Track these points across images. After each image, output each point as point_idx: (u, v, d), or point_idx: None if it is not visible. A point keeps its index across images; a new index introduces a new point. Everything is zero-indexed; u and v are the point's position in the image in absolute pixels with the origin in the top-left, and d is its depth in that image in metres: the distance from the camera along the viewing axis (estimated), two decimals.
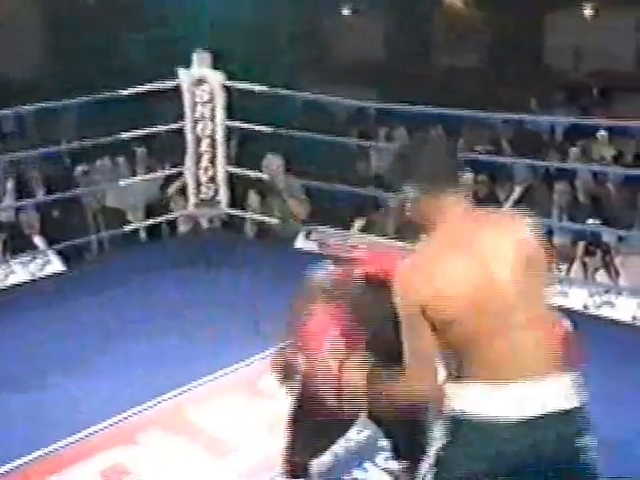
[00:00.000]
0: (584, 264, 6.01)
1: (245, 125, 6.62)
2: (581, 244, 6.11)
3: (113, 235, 6.90)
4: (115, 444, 3.87)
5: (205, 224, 6.83)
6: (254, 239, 6.94)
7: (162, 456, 3.81)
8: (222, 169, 6.38)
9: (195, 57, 6.19)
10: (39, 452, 3.78)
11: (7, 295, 5.68)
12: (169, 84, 6.27)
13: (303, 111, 8.55)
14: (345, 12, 13.98)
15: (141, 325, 5.03)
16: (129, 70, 7.61)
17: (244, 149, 7.46)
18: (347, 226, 6.74)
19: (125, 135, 6.27)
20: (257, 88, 6.34)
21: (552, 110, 9.18)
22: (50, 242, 6.46)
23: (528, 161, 7.22)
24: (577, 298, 5.59)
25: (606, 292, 5.60)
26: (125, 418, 4.06)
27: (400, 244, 5.09)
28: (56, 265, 6.12)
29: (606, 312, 5.47)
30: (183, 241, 6.99)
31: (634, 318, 5.37)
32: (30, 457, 3.75)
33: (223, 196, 6.48)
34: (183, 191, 6.61)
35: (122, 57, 9.97)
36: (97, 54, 9.68)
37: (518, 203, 6.87)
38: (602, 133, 7.68)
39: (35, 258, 6.11)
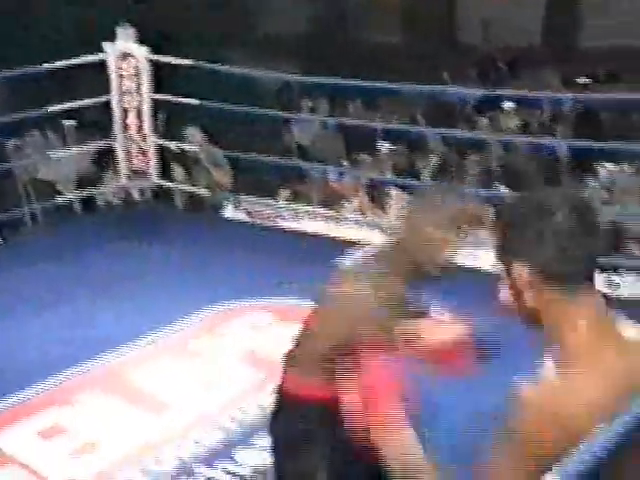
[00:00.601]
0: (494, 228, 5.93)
1: (171, 98, 6.42)
2: (491, 209, 6.04)
3: (46, 208, 6.64)
4: (52, 405, 3.85)
5: (137, 196, 6.63)
6: (184, 210, 6.75)
7: (99, 415, 3.79)
8: (151, 141, 6.20)
9: (119, 31, 5.93)
10: None
11: None
12: (95, 58, 6.01)
13: (228, 84, 8.35)
14: None
15: (76, 292, 4.92)
16: (53, 45, 7.24)
17: (173, 122, 7.22)
18: (274, 196, 6.60)
19: (53, 108, 6.07)
20: (182, 62, 6.15)
21: (464, 83, 9.14)
22: None
23: (442, 131, 7.16)
24: (487, 259, 5.56)
25: None
26: (61, 381, 4.01)
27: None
28: None
29: None
30: (115, 213, 6.75)
31: None
32: None
33: (153, 168, 6.32)
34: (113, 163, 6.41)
35: (46, 32, 9.54)
36: (19, 28, 9.25)
37: (434, 172, 6.80)
38: (509, 105, 7.64)
39: None
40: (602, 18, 10.32)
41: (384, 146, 6.73)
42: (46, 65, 5.96)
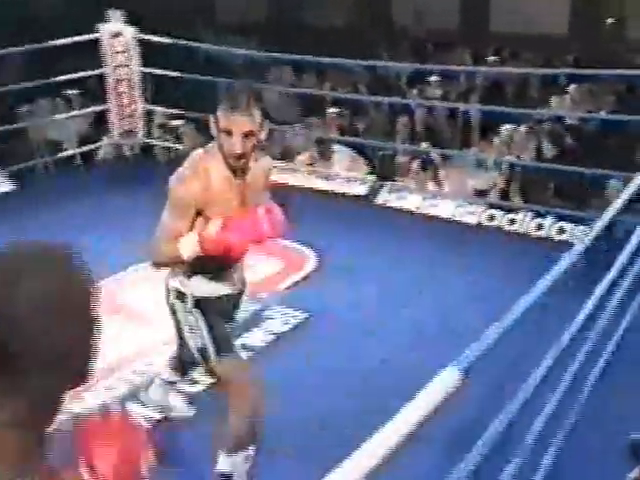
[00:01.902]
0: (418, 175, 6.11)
1: (155, 70, 6.41)
2: (416, 162, 6.21)
3: (54, 160, 6.63)
4: None
5: (127, 151, 6.66)
6: (165, 164, 6.77)
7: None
8: (139, 106, 6.21)
9: (111, 14, 5.92)
10: None
11: None
12: (92, 36, 5.98)
13: (205, 58, 8.32)
14: None
15: (83, 227, 4.87)
16: (54, 24, 7.15)
17: (160, 91, 7.20)
18: None
19: (59, 79, 6.08)
20: (162, 40, 6.14)
21: (399, 60, 9.18)
22: (1, 167, 6.18)
23: (380, 99, 7.24)
24: (413, 202, 5.76)
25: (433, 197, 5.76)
26: None
27: None
28: (6, 186, 5.89)
29: (432, 211, 5.65)
30: (109, 165, 6.73)
31: (452, 215, 5.57)
32: None
33: (140, 128, 6.33)
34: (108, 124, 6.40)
35: (47, 12, 9.37)
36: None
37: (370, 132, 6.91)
38: (433, 78, 7.73)
39: None
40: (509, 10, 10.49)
41: (330, 110, 6.82)
42: (52, 42, 5.92)
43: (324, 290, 4.26)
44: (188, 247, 2.31)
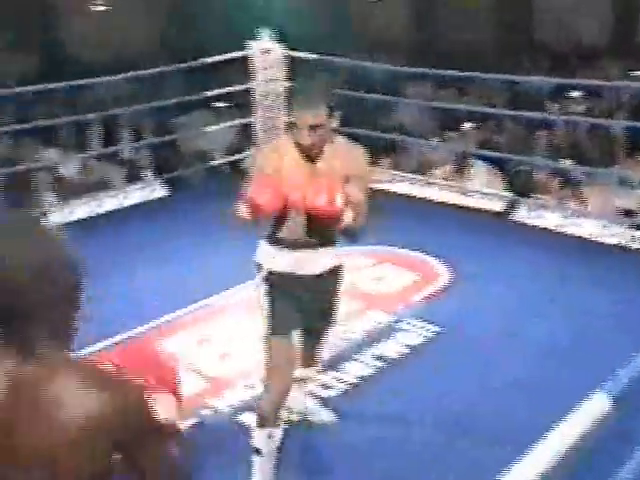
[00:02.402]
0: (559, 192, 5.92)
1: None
2: (557, 179, 6.02)
3: (204, 169, 6.98)
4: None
5: None
6: None
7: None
8: (282, 118, 6.40)
9: (263, 33, 6.18)
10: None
11: (125, 212, 5.90)
12: (242, 53, 6.27)
13: (349, 73, 8.49)
14: None
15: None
16: (209, 44, 7.53)
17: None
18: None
19: (210, 93, 6.40)
20: (309, 56, 6.30)
21: (540, 74, 8.91)
22: (157, 174, 6.60)
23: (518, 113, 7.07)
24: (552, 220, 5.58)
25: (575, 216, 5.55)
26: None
27: None
28: (161, 192, 6.27)
29: (574, 230, 5.45)
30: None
31: (595, 235, 5.34)
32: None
33: None
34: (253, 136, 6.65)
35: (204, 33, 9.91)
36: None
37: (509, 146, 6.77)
38: (576, 93, 7.47)
39: (146, 186, 6.26)
40: None
41: (468, 125, 6.76)
42: (204, 59, 6.26)
43: (457, 304, 4.24)
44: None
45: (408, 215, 5.64)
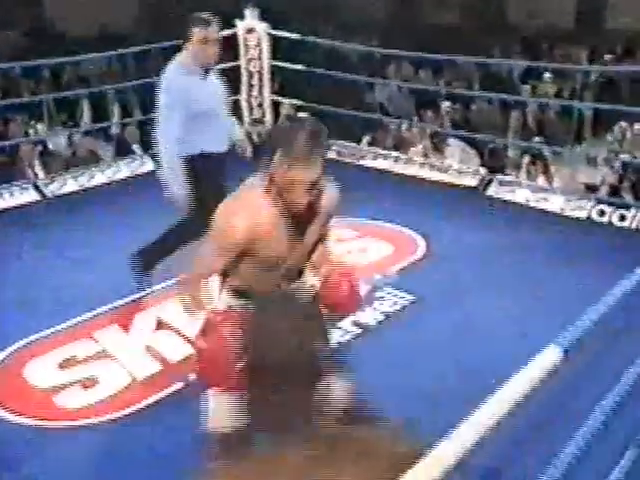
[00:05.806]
0: (528, 169, 5.92)
1: (284, 64, 6.50)
2: (527, 156, 6.00)
3: None
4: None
5: (255, 138, 6.81)
6: None
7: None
8: (268, 97, 6.33)
9: (247, 11, 6.06)
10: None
11: (115, 185, 5.80)
12: (229, 32, 6.15)
13: (328, 54, 8.36)
14: None
15: None
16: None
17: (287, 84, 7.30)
18: (358, 141, 6.64)
19: None
20: (291, 35, 6.21)
21: (512, 57, 8.86)
22: (145, 149, 6.48)
23: (492, 94, 7.03)
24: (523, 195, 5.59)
25: (543, 191, 5.55)
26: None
27: None
28: (150, 165, 6.18)
29: (542, 205, 5.47)
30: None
31: (562, 209, 5.38)
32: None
33: (268, 117, 6.45)
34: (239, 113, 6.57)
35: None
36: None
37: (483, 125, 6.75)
38: (547, 75, 7.44)
39: (135, 160, 6.16)
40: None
41: (445, 104, 6.72)
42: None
43: (431, 275, 4.24)
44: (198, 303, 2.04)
45: (388, 190, 5.62)
